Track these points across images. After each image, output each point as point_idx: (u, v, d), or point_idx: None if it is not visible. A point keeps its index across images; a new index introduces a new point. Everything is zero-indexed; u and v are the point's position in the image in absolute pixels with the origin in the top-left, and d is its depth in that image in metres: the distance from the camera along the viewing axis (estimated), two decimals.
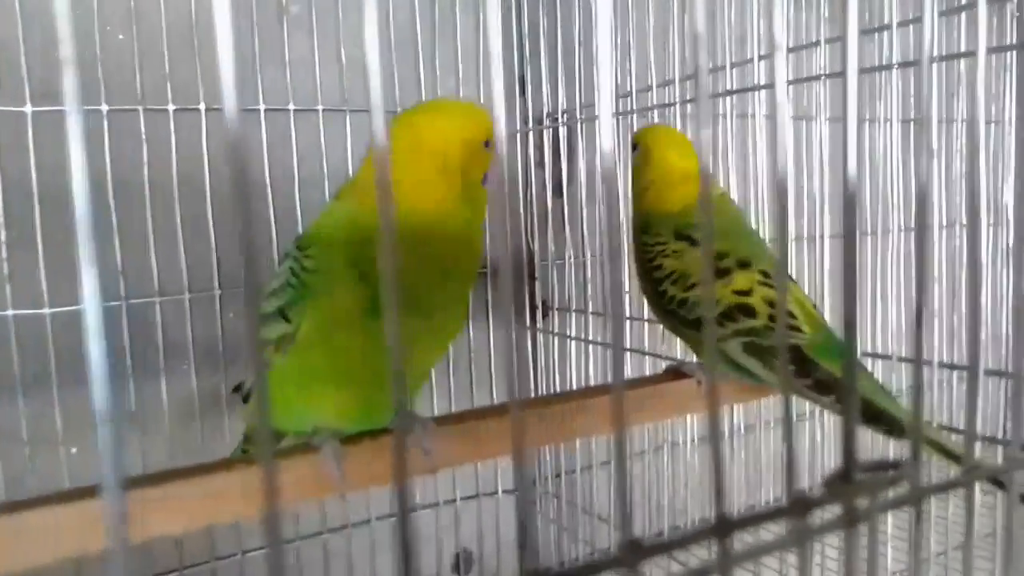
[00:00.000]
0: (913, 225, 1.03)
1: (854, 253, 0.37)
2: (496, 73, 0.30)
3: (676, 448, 1.37)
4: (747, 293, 0.77)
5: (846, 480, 0.37)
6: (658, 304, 0.85)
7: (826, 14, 1.12)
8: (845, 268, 0.36)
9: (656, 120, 1.20)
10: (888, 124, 1.09)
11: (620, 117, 1.25)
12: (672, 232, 0.85)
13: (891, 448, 0.99)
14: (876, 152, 1.13)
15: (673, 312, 0.82)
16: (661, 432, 1.37)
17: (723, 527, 0.32)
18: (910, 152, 1.16)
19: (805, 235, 1.15)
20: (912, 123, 1.15)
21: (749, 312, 0.76)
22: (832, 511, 0.37)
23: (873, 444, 0.99)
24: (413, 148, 0.62)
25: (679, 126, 1.15)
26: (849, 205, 0.36)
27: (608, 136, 0.32)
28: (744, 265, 0.79)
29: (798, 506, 0.33)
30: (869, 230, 1.06)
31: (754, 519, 0.34)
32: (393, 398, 0.30)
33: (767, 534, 0.42)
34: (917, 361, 0.42)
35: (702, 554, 0.37)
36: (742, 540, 0.34)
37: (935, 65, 0.86)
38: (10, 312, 0.99)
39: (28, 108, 0.99)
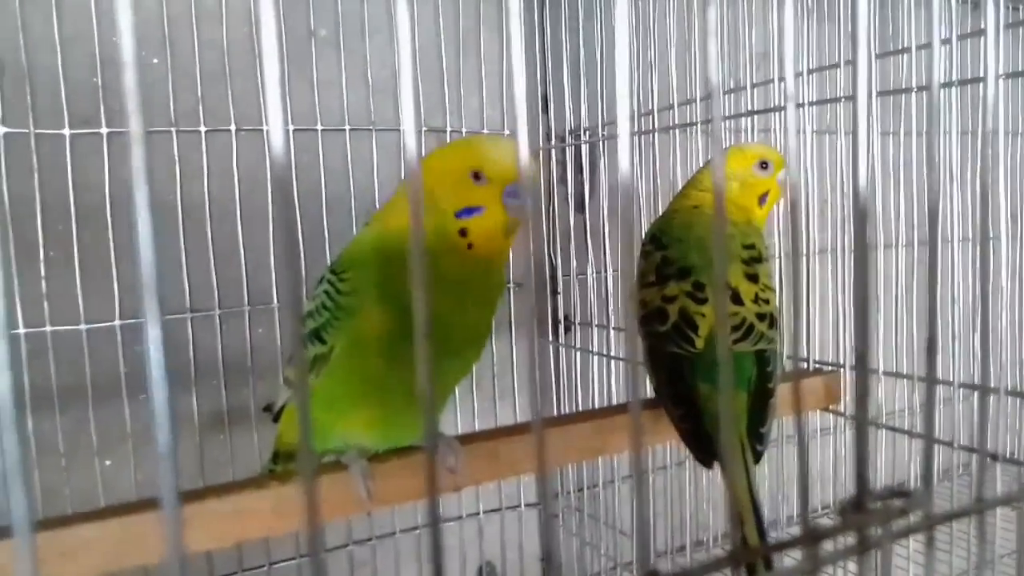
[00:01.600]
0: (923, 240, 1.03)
1: (866, 272, 0.38)
2: (519, 96, 0.31)
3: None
4: (671, 300, 0.80)
5: (859, 508, 0.38)
6: None
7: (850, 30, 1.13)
8: (856, 286, 0.37)
9: (677, 139, 1.21)
10: (909, 138, 1.09)
11: (641, 135, 1.26)
12: (651, 234, 0.89)
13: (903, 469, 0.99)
14: (897, 166, 1.13)
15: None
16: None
17: (740, 555, 0.33)
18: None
19: (828, 247, 1.15)
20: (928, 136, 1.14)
21: (664, 318, 0.80)
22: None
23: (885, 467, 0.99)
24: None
25: (700, 145, 1.16)
26: (860, 221, 0.37)
27: (626, 153, 0.33)
28: (684, 273, 0.81)
29: (811, 537, 0.34)
30: (892, 242, 1.05)
31: (772, 548, 0.35)
32: (424, 419, 0.30)
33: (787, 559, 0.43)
34: (929, 381, 0.43)
35: None
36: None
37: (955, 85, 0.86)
38: (48, 328, 1.03)
39: (67, 131, 1.02)
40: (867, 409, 0.36)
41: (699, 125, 1.15)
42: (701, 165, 1.16)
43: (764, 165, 0.86)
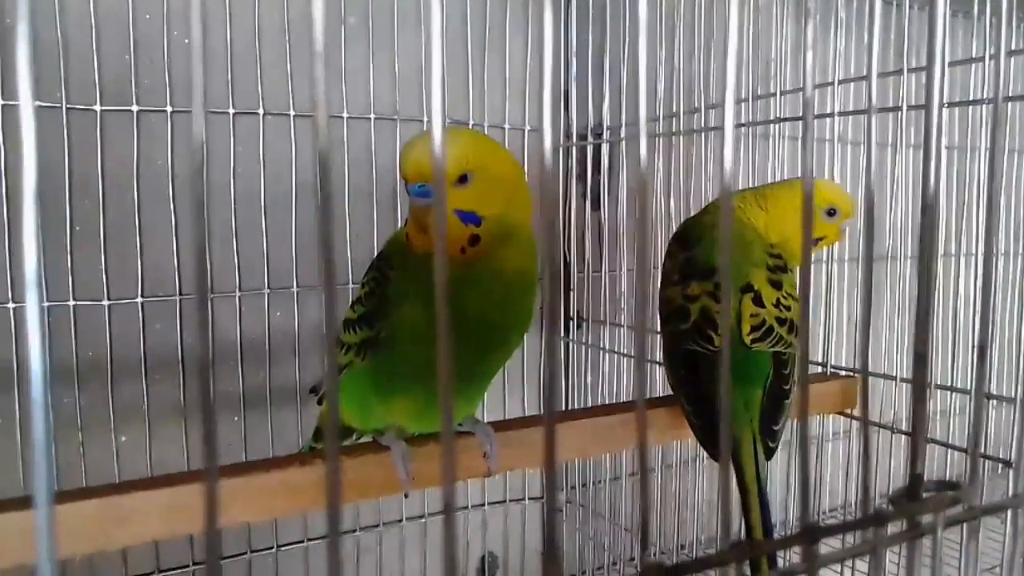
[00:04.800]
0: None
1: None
2: (546, 93, 0.31)
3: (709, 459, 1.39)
4: (694, 299, 0.82)
5: (912, 497, 0.39)
6: None
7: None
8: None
9: (702, 142, 1.23)
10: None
11: (663, 137, 1.28)
12: (677, 235, 0.91)
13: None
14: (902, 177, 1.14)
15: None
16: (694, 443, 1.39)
17: (741, 551, 0.35)
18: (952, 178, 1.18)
19: (847, 256, 1.17)
20: (956, 150, 1.17)
21: (685, 316, 0.82)
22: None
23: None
24: None
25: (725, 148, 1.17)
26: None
27: (644, 151, 0.34)
28: (707, 274, 0.82)
29: (873, 519, 0.35)
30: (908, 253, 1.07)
31: (777, 544, 0.37)
32: (443, 408, 0.30)
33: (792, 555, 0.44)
34: (978, 394, 0.45)
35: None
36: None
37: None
38: (71, 303, 1.03)
39: (98, 107, 1.03)
40: (926, 405, 0.38)
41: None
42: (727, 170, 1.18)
43: (832, 212, 0.86)
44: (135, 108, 1.05)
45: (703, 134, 1.25)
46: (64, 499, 0.58)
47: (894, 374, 0.97)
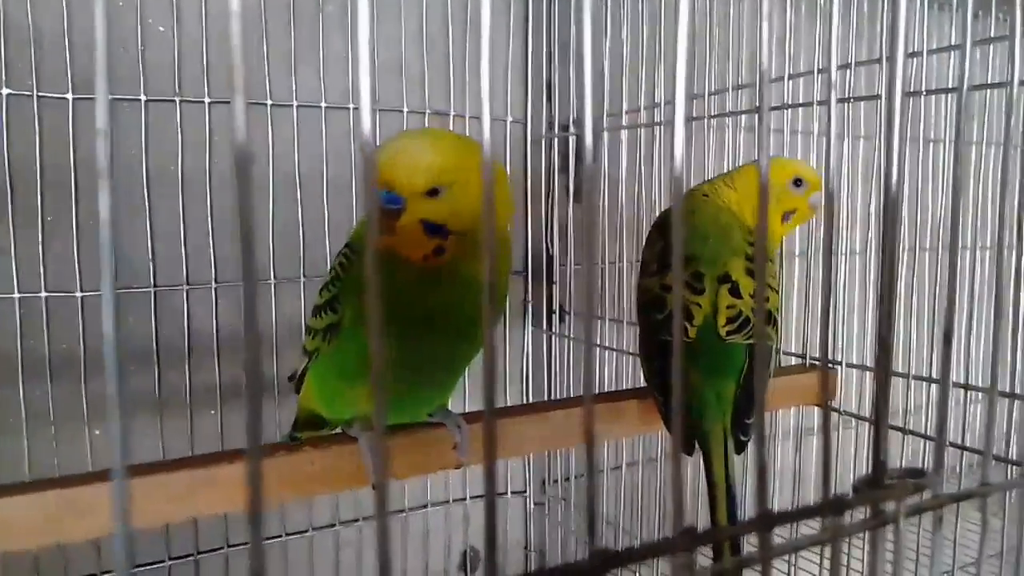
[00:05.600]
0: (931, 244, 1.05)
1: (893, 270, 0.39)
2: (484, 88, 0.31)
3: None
4: (670, 289, 0.81)
5: (875, 485, 0.39)
6: None
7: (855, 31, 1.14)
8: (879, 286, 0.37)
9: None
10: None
11: (642, 128, 1.27)
12: (657, 223, 0.91)
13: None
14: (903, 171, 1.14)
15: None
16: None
17: (691, 538, 0.34)
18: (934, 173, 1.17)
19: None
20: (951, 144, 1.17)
21: (661, 306, 0.82)
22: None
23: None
24: None
25: (710, 139, 1.17)
26: (890, 220, 0.38)
27: (590, 141, 0.34)
28: (684, 263, 0.81)
29: (833, 506, 0.34)
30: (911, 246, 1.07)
31: (738, 530, 0.36)
32: (375, 407, 0.29)
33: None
34: (944, 383, 0.44)
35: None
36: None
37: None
38: (43, 294, 1.02)
39: (69, 95, 1.01)
40: (887, 397, 0.37)
41: (706, 120, 1.16)
42: (707, 159, 1.17)
43: (798, 183, 0.85)
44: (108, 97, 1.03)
45: (690, 123, 1.24)
46: (24, 490, 0.57)
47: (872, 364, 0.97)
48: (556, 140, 1.36)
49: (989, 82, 1.00)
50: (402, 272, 0.59)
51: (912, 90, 0.92)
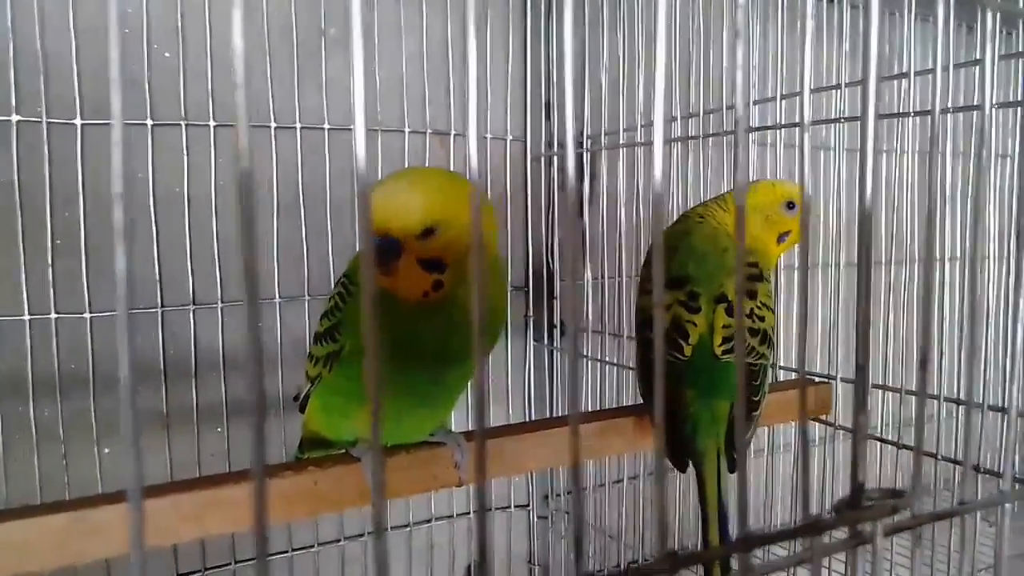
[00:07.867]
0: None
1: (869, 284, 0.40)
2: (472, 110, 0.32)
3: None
4: (666, 308, 0.82)
5: (854, 506, 0.40)
6: None
7: (847, 48, 1.15)
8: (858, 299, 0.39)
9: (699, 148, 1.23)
10: (906, 156, 1.12)
11: (639, 147, 1.29)
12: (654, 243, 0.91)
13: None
14: (892, 183, 1.15)
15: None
16: None
17: (673, 561, 0.35)
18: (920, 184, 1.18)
19: (820, 261, 1.18)
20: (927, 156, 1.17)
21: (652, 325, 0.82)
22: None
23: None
24: None
25: (706, 157, 1.18)
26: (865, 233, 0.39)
27: (572, 166, 0.35)
28: (680, 283, 0.83)
29: (811, 528, 0.36)
30: (881, 259, 1.08)
31: (732, 548, 0.37)
32: (372, 431, 0.30)
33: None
34: (921, 395, 0.46)
35: None
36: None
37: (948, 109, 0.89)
38: (53, 315, 1.04)
39: (78, 121, 1.04)
40: (866, 415, 0.39)
41: (701, 140, 1.17)
42: (701, 180, 1.19)
43: (791, 206, 0.87)
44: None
45: (701, 140, 1.26)
46: (36, 512, 0.59)
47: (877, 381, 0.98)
48: (556, 157, 1.38)
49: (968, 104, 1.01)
50: (401, 305, 0.61)
51: (922, 109, 0.93)
